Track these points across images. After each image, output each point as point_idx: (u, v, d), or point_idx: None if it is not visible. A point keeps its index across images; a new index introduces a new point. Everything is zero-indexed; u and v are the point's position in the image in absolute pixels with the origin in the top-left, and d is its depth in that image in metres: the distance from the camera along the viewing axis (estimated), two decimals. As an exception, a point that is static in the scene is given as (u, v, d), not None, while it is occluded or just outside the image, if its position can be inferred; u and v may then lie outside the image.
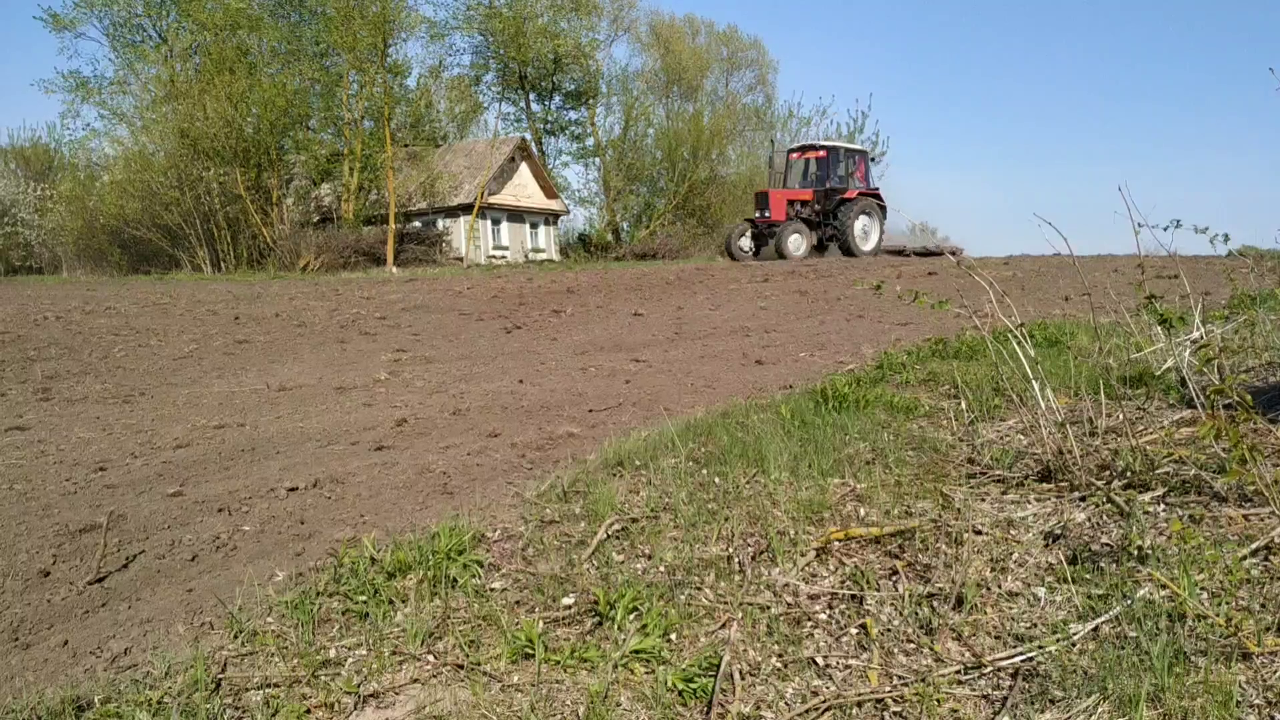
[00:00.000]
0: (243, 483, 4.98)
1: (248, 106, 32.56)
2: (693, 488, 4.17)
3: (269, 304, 15.26)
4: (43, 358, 9.73)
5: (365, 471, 5.15)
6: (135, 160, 33.30)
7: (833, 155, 26.40)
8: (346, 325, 12.69)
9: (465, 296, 16.51)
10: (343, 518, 4.35)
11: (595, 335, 11.68)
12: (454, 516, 4.00)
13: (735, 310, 13.61)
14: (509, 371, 8.95)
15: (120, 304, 15.08)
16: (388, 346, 10.80)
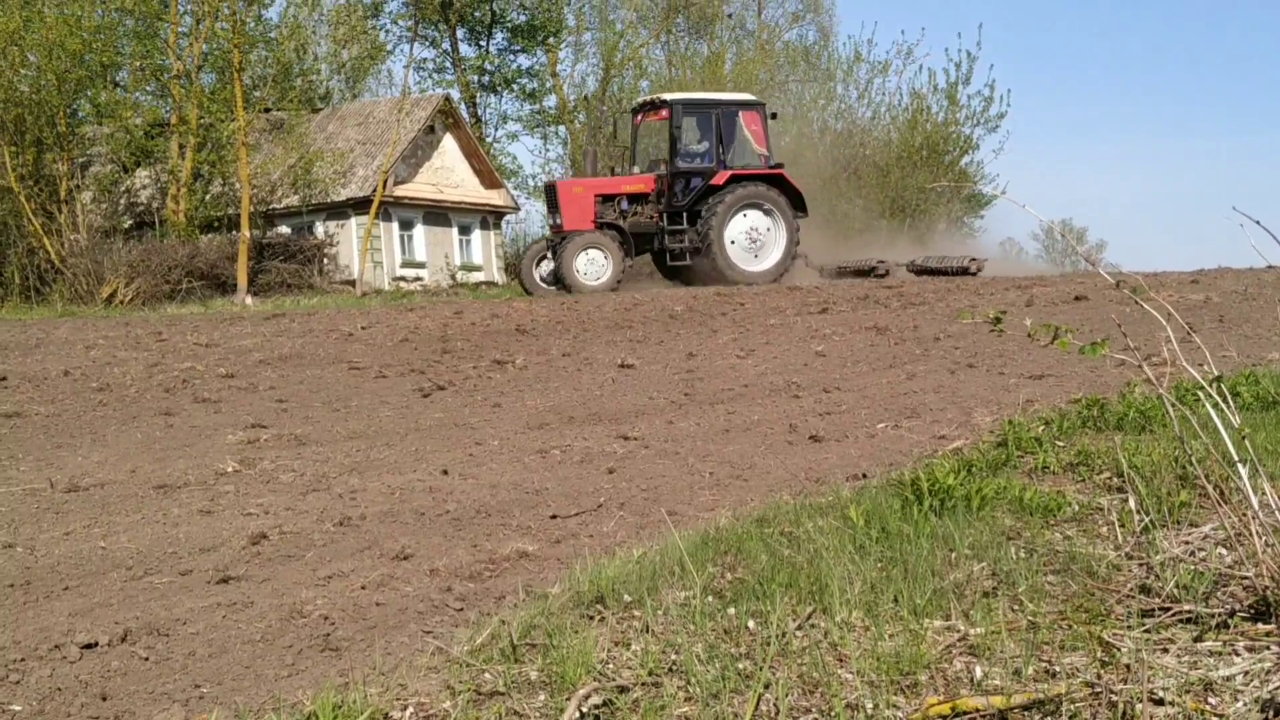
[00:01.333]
0: (11, 636, 4.94)
1: (22, 52, 32.82)
2: (714, 637, 4.15)
3: (54, 356, 15.25)
4: None
5: (202, 617, 5.12)
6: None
7: (685, 114, 24.67)
8: (174, 388, 12.70)
9: (360, 341, 16.53)
10: (167, 689, 4.31)
11: (561, 399, 11.68)
12: (340, 687, 3.97)
13: (777, 357, 13.65)
14: (427, 457, 8.93)
15: None
16: (238, 420, 10.80)
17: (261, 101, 35.68)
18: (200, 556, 6.19)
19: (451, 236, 45.20)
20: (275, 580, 5.69)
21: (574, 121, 48.13)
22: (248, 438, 9.90)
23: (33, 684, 4.42)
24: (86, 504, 7.67)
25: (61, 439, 10.20)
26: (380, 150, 40.83)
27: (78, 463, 9.11)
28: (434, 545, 6.23)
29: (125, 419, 11.09)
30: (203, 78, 35.89)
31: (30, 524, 7.13)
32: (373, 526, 6.73)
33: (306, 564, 5.97)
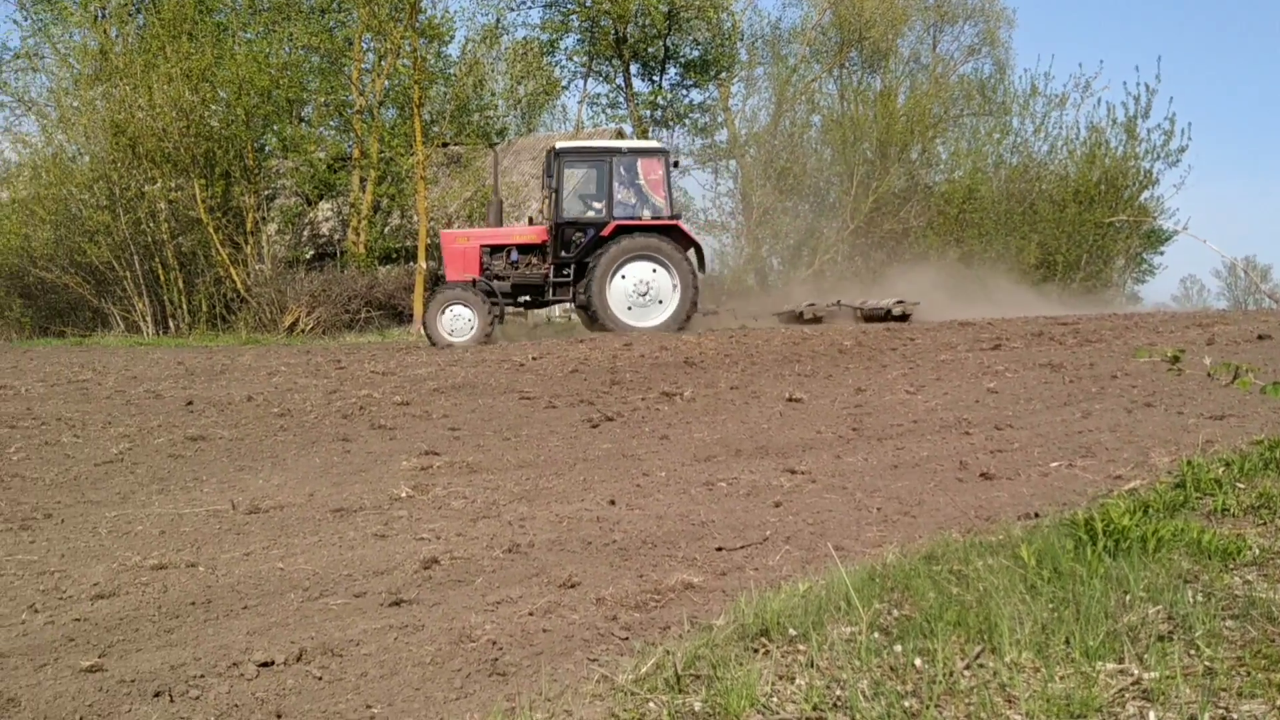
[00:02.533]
0: (191, 652, 5.08)
1: (213, 88, 33.96)
2: (879, 673, 4.10)
3: (238, 382, 15.71)
4: (-92, 460, 10.18)
5: (374, 638, 5.21)
6: (48, 168, 34.92)
7: (576, 163, 23.81)
8: (351, 415, 12.97)
9: (531, 371, 16.71)
10: (339, 708, 4.39)
11: (728, 432, 11.66)
12: (507, 712, 4.01)
13: (948, 393, 13.47)
14: (594, 487, 8.98)
15: (20, 382, 15.72)
16: (412, 447, 10.98)
17: (440, 136, 36.38)
18: (374, 579, 6.31)
19: (623, 269, 45.47)
20: (445, 604, 5.77)
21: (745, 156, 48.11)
22: (421, 464, 10.05)
23: (211, 700, 4.54)
24: (266, 526, 7.86)
25: (244, 462, 10.48)
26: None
27: (259, 485, 9.36)
28: (600, 574, 6.26)
29: (304, 444, 11.35)
30: (384, 113, 36.73)
31: (212, 544, 7.34)
32: (541, 554, 6.79)
33: (476, 589, 6.04)
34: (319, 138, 37.26)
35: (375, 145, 35.41)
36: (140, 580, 6.40)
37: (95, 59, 35.45)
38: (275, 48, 35.06)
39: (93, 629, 5.51)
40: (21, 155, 36.70)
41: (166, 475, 9.82)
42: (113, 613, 5.77)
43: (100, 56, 35.22)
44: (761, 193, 45.82)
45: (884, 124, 43.83)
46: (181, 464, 10.31)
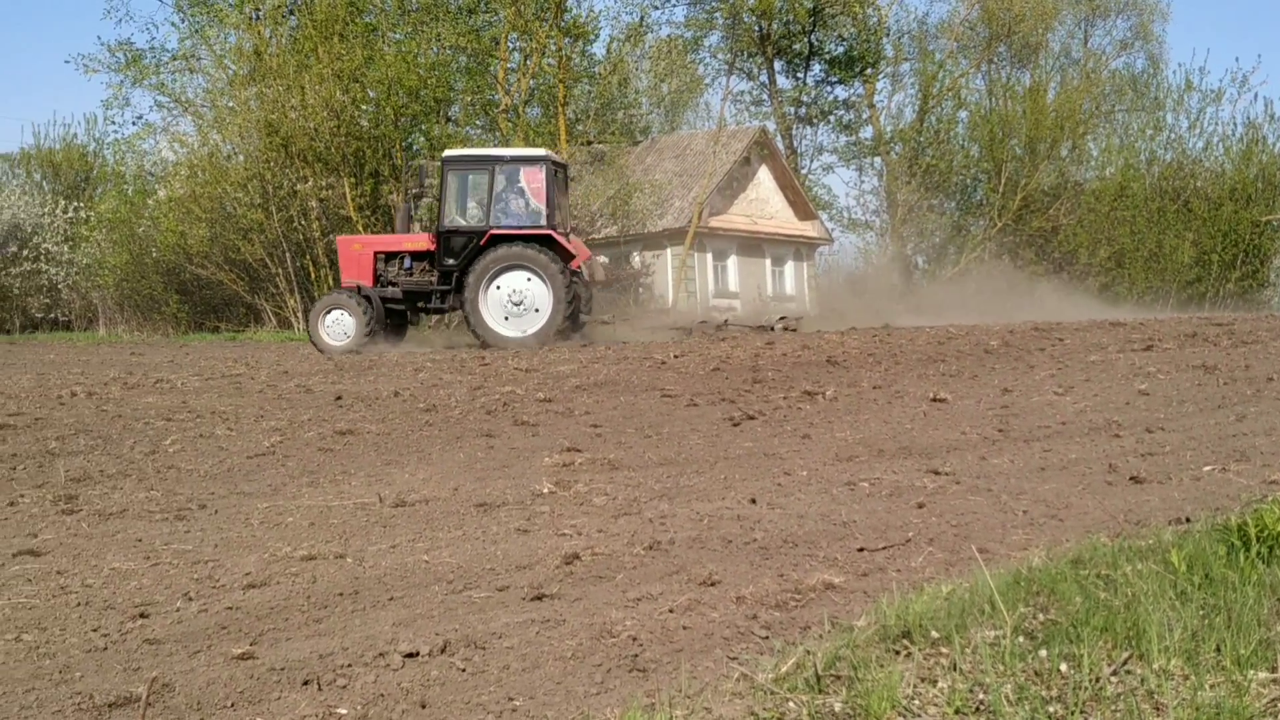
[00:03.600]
0: (339, 642, 5.19)
1: (363, 88, 34.55)
2: (1024, 678, 4.05)
3: (385, 378, 15.98)
4: (67, 451, 10.52)
5: (516, 632, 5.27)
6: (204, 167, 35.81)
7: (459, 171, 23.64)
8: (495, 411, 13.12)
9: (672, 369, 16.74)
10: (482, 700, 4.45)
11: (871, 432, 11.59)
12: (647, 708, 4.03)
13: (1097, 395, 13.23)
14: (735, 485, 8.99)
15: (177, 376, 16.17)
16: (554, 444, 11.07)
17: (583, 135, 36.63)
18: (516, 574, 6.38)
19: (764, 268, 45.45)
20: (586, 600, 5.82)
21: (890, 153, 47.74)
22: (563, 461, 10.13)
23: (358, 689, 4.63)
24: (412, 519, 7.99)
25: (390, 456, 10.66)
26: (696, 182, 41.38)
27: (405, 479, 9.51)
28: (741, 573, 6.26)
29: (449, 439, 11.51)
30: (529, 111, 37.07)
31: (360, 536, 7.48)
32: (681, 552, 6.81)
33: (616, 585, 6.08)
34: (465, 136, 37.70)
35: (521, 143, 35.73)
36: (290, 571, 6.55)
37: (250, 60, 36.29)
38: (423, 48, 35.56)
39: (244, 617, 5.65)
40: (178, 155, 37.72)
41: (316, 468, 10.02)
42: (264, 602, 5.91)
43: (254, 58, 36.03)
44: (906, 190, 45.44)
45: (1033, 120, 43.16)
46: (330, 457, 10.52)
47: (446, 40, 36.11)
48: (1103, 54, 49.78)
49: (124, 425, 11.75)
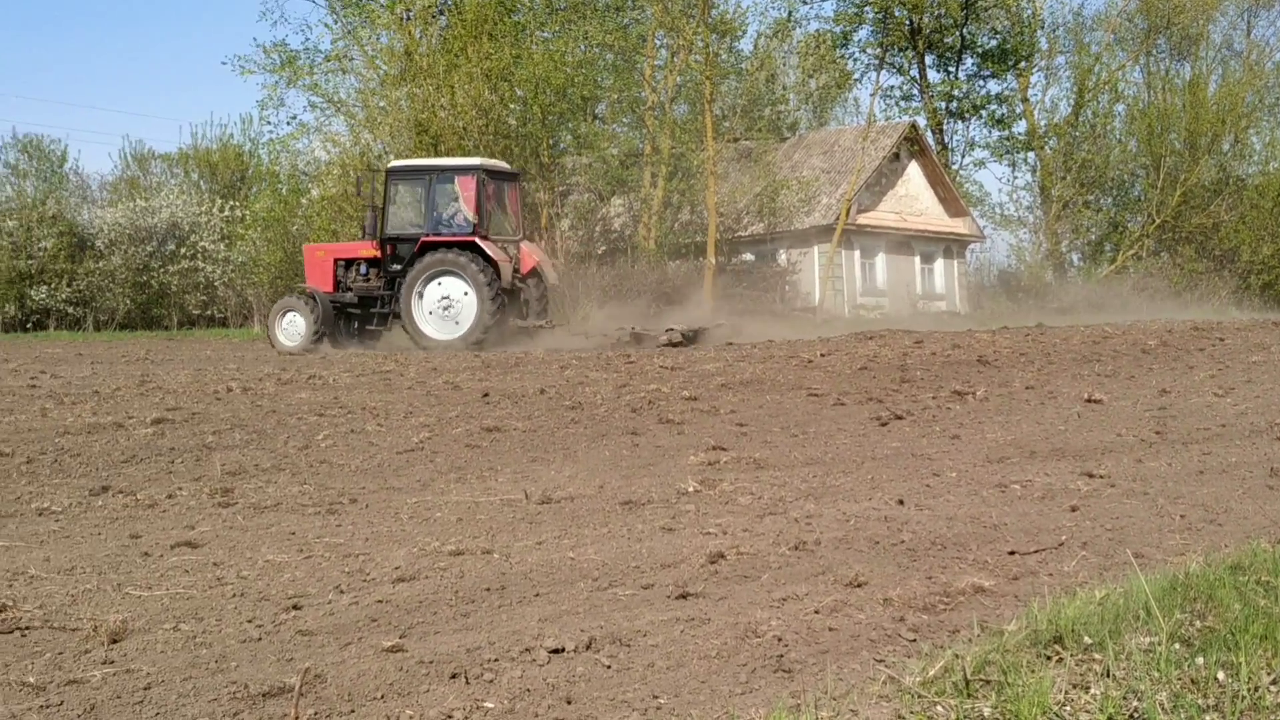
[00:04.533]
0: (486, 637, 5.26)
1: (511, 87, 34.90)
2: (1179, 686, 3.98)
3: (531, 375, 16.15)
4: (223, 445, 10.81)
5: (661, 630, 5.29)
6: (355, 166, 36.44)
7: (400, 181, 24.99)
8: (640, 409, 13.18)
9: (819, 368, 16.69)
10: (627, 697, 4.48)
11: (1022, 433, 11.44)
12: (792, 708, 4.03)
13: (1259, 396, 12.92)
14: (882, 486, 8.93)
15: (328, 372, 16.51)
16: (699, 442, 11.10)
17: (730, 131, 36.60)
18: (661, 572, 6.40)
19: (913, 265, 45.04)
20: (731, 599, 5.82)
21: (1044, 148, 46.96)
22: (708, 459, 10.15)
23: (504, 683, 4.69)
24: (558, 516, 8.07)
25: (536, 453, 10.78)
26: (844, 178, 41.15)
27: (550, 476, 9.60)
28: (888, 574, 6.22)
29: (595, 437, 11.60)
30: (675, 108, 37.13)
31: (506, 532, 7.57)
32: (827, 552, 6.78)
33: (762, 585, 6.08)
34: (612, 134, 37.90)
35: (667, 141, 35.83)
36: (439, 565, 6.65)
37: (400, 60, 36.83)
38: (571, 46, 35.79)
39: (394, 611, 5.76)
40: (331, 154, 38.41)
41: (464, 464, 10.17)
42: (413, 595, 6.01)
43: (405, 58, 36.57)
44: (1061, 186, 44.71)
45: (1193, 114, 42.19)
46: (478, 454, 10.66)
47: (594, 38, 36.33)
48: (1266, 45, 48.42)
49: (278, 420, 12.03)
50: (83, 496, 8.57)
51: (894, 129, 44.19)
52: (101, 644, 5.18)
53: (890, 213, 43.62)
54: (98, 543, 7.26)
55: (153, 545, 7.15)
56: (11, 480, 9.12)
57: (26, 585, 6.19)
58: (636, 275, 34.18)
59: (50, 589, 6.12)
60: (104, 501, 8.47)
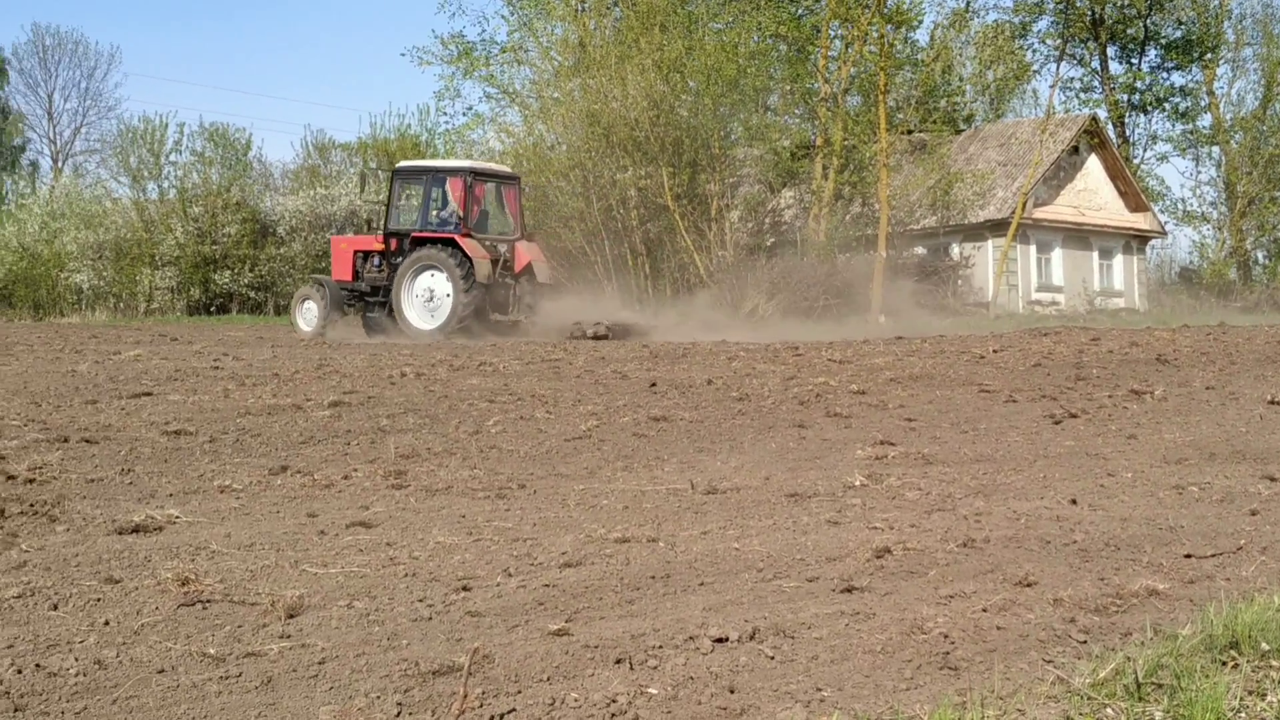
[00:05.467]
0: (650, 624, 5.31)
1: (683, 78, 34.98)
2: (1364, 698, 3.87)
3: (698, 365, 16.20)
4: (397, 428, 11.05)
5: (825, 623, 5.29)
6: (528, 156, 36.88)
7: (404, 180, 26.72)
8: (808, 401, 13.15)
9: (990, 364, 16.48)
10: (790, 689, 4.49)
11: (1202, 434, 11.18)
12: (958, 705, 4.00)
13: None
14: (1054, 484, 8.80)
15: (499, 359, 16.76)
16: (867, 436, 11.04)
17: (904, 123, 36.24)
18: (826, 565, 6.40)
19: (1091, 261, 44.12)
20: (897, 594, 5.79)
21: (1229, 142, 45.66)
22: (875, 454, 10.10)
23: (668, 670, 4.73)
24: (723, 506, 8.10)
25: (702, 443, 10.82)
26: (1020, 172, 40.47)
27: (716, 467, 9.64)
28: (1058, 574, 6.13)
29: (761, 428, 11.61)
30: (848, 100, 36.87)
31: (671, 521, 7.62)
32: (996, 550, 6.71)
33: (928, 582, 6.04)
34: (783, 126, 37.78)
35: (839, 132, 35.60)
36: (604, 552, 6.72)
37: (574, 51, 37.16)
38: (744, 37, 35.74)
39: (560, 595, 5.84)
40: (505, 144, 38.91)
41: (631, 453, 10.25)
42: (579, 580, 6.09)
43: (579, 49, 36.87)
44: (1247, 181, 43.44)
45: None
46: (645, 443, 10.74)
47: (767, 29, 36.25)
48: None
49: (450, 405, 12.26)
50: (262, 475, 8.83)
51: (1073, 121, 43.34)
52: (279, 618, 5.34)
53: (1068, 207, 42.80)
54: (276, 520, 7.48)
55: (328, 524, 7.35)
56: (195, 458, 9.44)
57: (208, 560, 6.41)
58: (805, 268, 34.03)
59: (230, 564, 6.33)
60: (282, 481, 8.73)
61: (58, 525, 7.20)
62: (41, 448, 9.39)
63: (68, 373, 14.33)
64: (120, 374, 14.13)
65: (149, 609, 5.48)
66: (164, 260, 45.39)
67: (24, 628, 5.18)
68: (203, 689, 4.51)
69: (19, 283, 45.04)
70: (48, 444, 9.59)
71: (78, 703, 4.35)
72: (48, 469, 8.59)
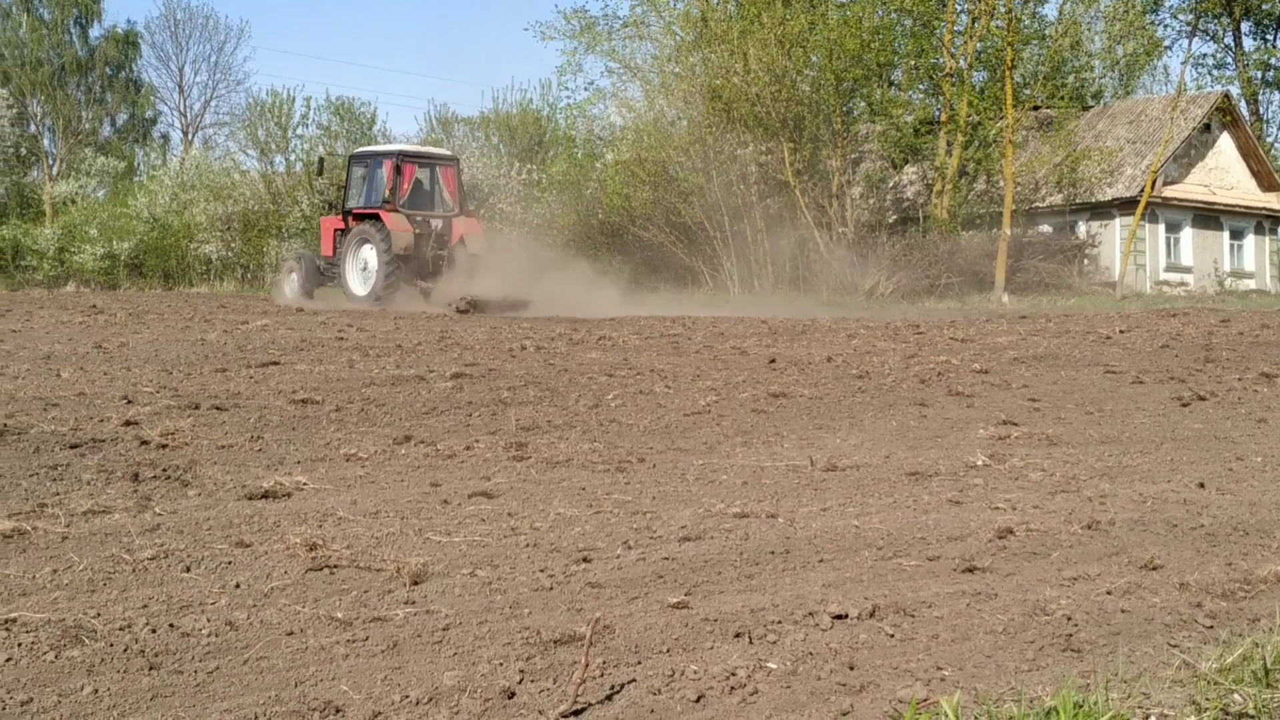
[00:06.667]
0: (769, 599, 5.33)
1: (805, 53, 34.80)
2: None
3: (818, 342, 16.16)
4: (517, 401, 11.16)
5: (946, 602, 5.28)
6: (649, 131, 36.94)
7: (355, 164, 29.36)
8: (929, 380, 13.07)
9: (1117, 344, 16.25)
10: (910, 667, 4.50)
11: (1336, 419, 10.94)
12: (1081, 688, 3.98)
13: None
14: (1182, 468, 8.67)
15: (618, 333, 16.84)
16: (989, 416, 10.96)
17: (1031, 99, 35.72)
18: (946, 544, 6.37)
19: (1221, 241, 43.22)
20: (1019, 575, 5.76)
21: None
22: (998, 434, 10.02)
23: (787, 645, 4.76)
24: (842, 484, 8.09)
25: (822, 420, 10.80)
26: (1150, 149, 39.70)
27: (836, 444, 9.62)
28: (1184, 559, 6.06)
29: (881, 406, 11.56)
30: (974, 75, 36.43)
31: (791, 498, 7.63)
32: (1121, 533, 6.64)
33: (1051, 563, 6.00)
34: (907, 101, 37.43)
35: (964, 108, 35.18)
36: (723, 526, 6.75)
37: (696, 26, 37.14)
38: (868, 11, 35.44)
39: (679, 568, 5.88)
40: (626, 120, 39.03)
41: (750, 429, 10.27)
42: (698, 554, 6.13)
43: (701, 23, 36.84)
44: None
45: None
46: (763, 419, 10.75)
47: (892, 3, 35.91)
48: None
49: (569, 379, 12.36)
50: (387, 445, 8.98)
51: (1205, 99, 42.42)
52: (403, 585, 5.45)
53: (1198, 185, 41.93)
54: (400, 489, 7.61)
55: (451, 494, 7.46)
56: (322, 427, 9.63)
57: (335, 526, 6.54)
58: (928, 245, 33.76)
59: (356, 530, 6.46)
60: (406, 450, 8.87)
61: (190, 490, 7.40)
62: (173, 414, 9.63)
63: (197, 341, 14.67)
64: (248, 343, 14.44)
65: (278, 573, 5.62)
66: (290, 232, 46.14)
67: (158, 589, 5.33)
68: (330, 651, 4.62)
69: (150, 253, 46.06)
70: (179, 410, 9.84)
71: (210, 662, 4.48)
72: (180, 435, 8.81)
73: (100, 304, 23.81)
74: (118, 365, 12.36)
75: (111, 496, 7.09)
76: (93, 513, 6.64)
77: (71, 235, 46.32)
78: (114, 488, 7.35)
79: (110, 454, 8.27)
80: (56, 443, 8.50)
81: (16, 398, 10.22)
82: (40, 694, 4.13)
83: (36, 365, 12.22)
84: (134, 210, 46.73)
